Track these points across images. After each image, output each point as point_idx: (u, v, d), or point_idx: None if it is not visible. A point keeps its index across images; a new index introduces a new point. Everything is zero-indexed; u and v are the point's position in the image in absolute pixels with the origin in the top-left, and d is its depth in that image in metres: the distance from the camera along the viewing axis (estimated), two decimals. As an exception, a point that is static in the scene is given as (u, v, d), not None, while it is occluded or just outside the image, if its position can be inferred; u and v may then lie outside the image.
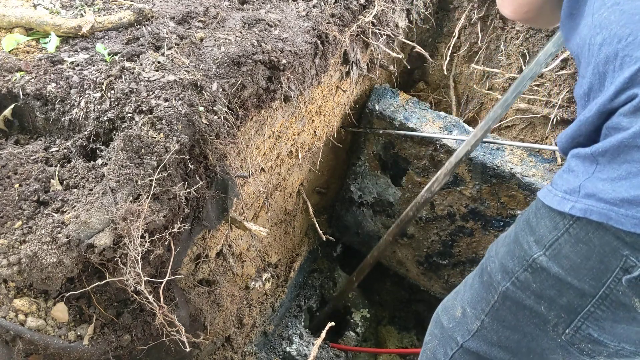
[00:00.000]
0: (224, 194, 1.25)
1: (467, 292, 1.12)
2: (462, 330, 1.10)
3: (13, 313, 0.94)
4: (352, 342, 2.63)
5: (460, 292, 1.17)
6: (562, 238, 0.84)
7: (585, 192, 0.79)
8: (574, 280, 0.84)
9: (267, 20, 1.48)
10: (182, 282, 1.33)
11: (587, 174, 0.80)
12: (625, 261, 0.76)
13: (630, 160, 0.72)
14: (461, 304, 1.13)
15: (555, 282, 0.87)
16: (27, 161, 1.07)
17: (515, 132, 2.57)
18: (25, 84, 1.13)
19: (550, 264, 0.86)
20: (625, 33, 0.72)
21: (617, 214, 0.73)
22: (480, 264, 1.11)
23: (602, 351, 0.88)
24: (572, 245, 0.82)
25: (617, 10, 0.75)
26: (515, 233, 0.98)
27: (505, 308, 0.98)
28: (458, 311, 1.13)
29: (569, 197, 0.82)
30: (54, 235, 0.92)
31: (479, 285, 1.07)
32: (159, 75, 1.14)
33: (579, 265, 0.82)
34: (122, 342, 1.05)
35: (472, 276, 1.13)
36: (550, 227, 0.86)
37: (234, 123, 1.20)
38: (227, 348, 1.90)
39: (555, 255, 0.86)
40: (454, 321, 1.14)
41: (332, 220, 2.82)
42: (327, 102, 1.88)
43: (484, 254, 2.31)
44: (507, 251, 0.98)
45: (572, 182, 0.83)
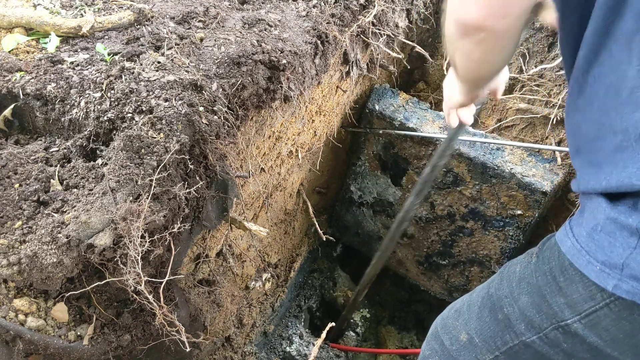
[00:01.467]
0: (224, 194, 1.25)
1: (474, 321, 1.08)
2: (469, 356, 1.09)
3: (13, 313, 0.94)
4: (352, 342, 2.63)
5: (464, 316, 1.13)
6: (601, 311, 0.80)
7: (631, 273, 0.73)
8: (614, 352, 0.82)
9: (267, 20, 1.48)
10: (182, 282, 1.33)
11: (628, 248, 0.73)
12: None
13: None
14: (466, 330, 1.10)
15: (591, 349, 0.85)
16: (27, 161, 1.07)
17: (515, 132, 2.57)
18: (25, 84, 1.13)
19: (587, 333, 0.84)
20: None
21: None
22: (490, 295, 1.06)
23: None
24: (613, 321, 0.79)
25: None
26: (538, 285, 0.93)
27: (528, 355, 0.96)
28: (463, 336, 1.10)
29: (609, 271, 0.76)
30: (54, 235, 0.92)
31: (491, 320, 1.03)
32: (159, 75, 1.14)
33: (621, 340, 0.80)
34: (122, 342, 1.05)
35: (479, 305, 1.08)
36: (586, 296, 0.81)
37: (234, 123, 1.20)
38: (227, 348, 1.90)
39: (592, 325, 0.82)
40: (458, 344, 1.12)
41: (332, 220, 2.82)
42: (327, 102, 1.88)
43: (484, 254, 2.30)
44: (531, 303, 0.93)
45: (611, 254, 0.76)
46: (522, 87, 2.40)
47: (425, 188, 1.65)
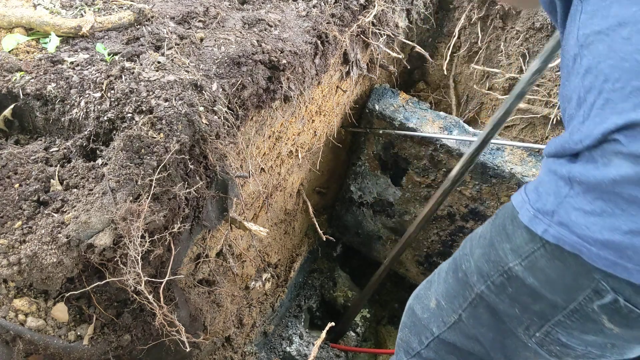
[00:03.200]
0: (224, 194, 1.25)
1: (441, 285, 1.14)
2: (437, 321, 1.13)
3: (13, 313, 0.94)
4: (352, 342, 2.63)
5: (434, 283, 1.19)
6: (538, 252, 0.86)
7: (559, 220, 0.80)
8: (547, 293, 0.87)
9: (267, 20, 1.48)
10: (182, 282, 1.33)
11: (560, 196, 0.80)
12: (597, 284, 0.79)
13: (607, 199, 0.73)
14: (435, 296, 1.15)
15: (529, 291, 0.90)
16: (27, 161, 1.07)
17: (515, 132, 2.58)
18: (25, 84, 1.13)
19: (526, 275, 0.89)
20: (613, 76, 0.71)
21: (589, 251, 0.76)
22: (454, 259, 1.12)
23: (569, 353, 0.91)
24: (547, 261, 0.85)
25: (606, 44, 0.73)
26: (490, 237, 0.99)
27: (482, 308, 1.01)
28: (432, 302, 1.15)
29: (541, 217, 0.83)
30: (54, 235, 0.92)
31: (453, 281, 1.09)
32: (159, 75, 1.14)
33: (553, 281, 0.85)
34: (122, 342, 1.05)
35: (446, 270, 1.14)
36: (527, 238, 0.88)
37: (234, 123, 1.20)
38: (227, 348, 1.90)
39: (531, 267, 0.88)
40: (428, 311, 1.16)
41: (332, 220, 2.82)
42: (327, 102, 1.88)
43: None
44: (483, 254, 1.00)
45: (545, 202, 0.83)
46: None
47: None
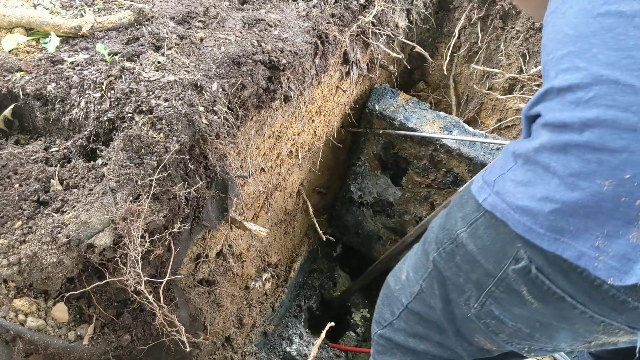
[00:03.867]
0: (224, 194, 1.25)
1: (411, 258, 1.19)
2: (405, 292, 1.17)
3: (13, 313, 0.94)
4: (352, 342, 2.63)
5: (408, 257, 1.23)
6: (479, 220, 0.91)
7: (496, 189, 0.86)
8: (482, 259, 0.91)
9: (267, 20, 1.48)
10: (182, 282, 1.33)
11: (503, 169, 0.86)
12: (517, 252, 0.83)
13: (532, 169, 0.79)
14: (406, 269, 1.19)
15: (470, 258, 0.94)
16: (27, 161, 1.07)
17: (515, 132, 2.58)
18: (25, 84, 1.13)
19: (468, 241, 0.94)
20: (548, 49, 0.78)
21: (512, 217, 0.81)
22: (425, 234, 1.16)
23: (503, 329, 0.95)
24: (485, 228, 0.90)
25: (551, 22, 0.79)
26: (449, 208, 1.04)
27: (435, 275, 1.05)
28: (403, 274, 1.20)
29: (485, 187, 0.89)
30: (54, 235, 0.92)
31: (420, 252, 1.13)
32: (159, 75, 1.14)
33: (487, 247, 0.90)
34: (122, 342, 1.05)
35: (419, 243, 1.18)
36: (474, 207, 0.93)
37: (234, 123, 1.20)
38: (227, 348, 1.90)
39: (472, 234, 0.93)
40: (400, 283, 1.20)
41: (332, 220, 2.82)
42: (327, 102, 1.88)
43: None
44: (440, 223, 1.05)
45: (491, 173, 0.90)
46: (522, 87, 2.40)
47: None
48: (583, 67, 0.70)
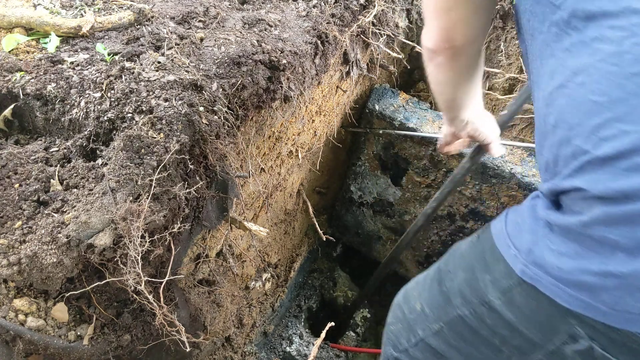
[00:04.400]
0: (224, 194, 1.25)
1: (425, 292, 1.15)
2: (423, 325, 1.14)
3: (13, 313, 0.94)
4: (352, 342, 2.63)
5: (419, 286, 1.19)
6: (515, 289, 0.86)
7: (534, 260, 0.80)
8: (524, 330, 0.87)
9: (267, 20, 1.48)
10: (182, 282, 1.33)
11: (537, 235, 0.81)
12: (572, 329, 0.78)
13: (581, 242, 0.73)
14: (420, 300, 1.16)
15: (508, 326, 0.90)
16: (27, 161, 1.07)
17: (515, 132, 2.57)
18: (25, 84, 1.13)
19: (504, 310, 0.89)
20: (574, 122, 0.72)
21: (564, 292, 0.75)
22: (439, 269, 1.11)
23: None
24: (524, 298, 0.84)
25: (566, 95, 0.74)
26: (471, 262, 0.99)
27: (464, 327, 1.01)
28: (417, 305, 1.16)
29: (519, 255, 0.83)
30: (54, 235, 0.92)
31: (437, 292, 1.08)
32: (159, 75, 1.14)
33: (529, 318, 0.85)
34: (122, 342, 1.05)
35: (431, 277, 1.14)
36: (505, 272, 0.87)
37: (234, 123, 1.20)
38: (227, 348, 1.90)
39: (508, 302, 0.88)
40: (415, 313, 1.17)
41: (332, 220, 2.82)
42: (327, 102, 1.88)
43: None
44: (465, 279, 1.00)
45: (523, 239, 0.84)
46: (522, 87, 2.40)
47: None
48: (631, 130, 0.65)
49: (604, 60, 0.68)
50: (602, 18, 0.69)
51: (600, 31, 0.69)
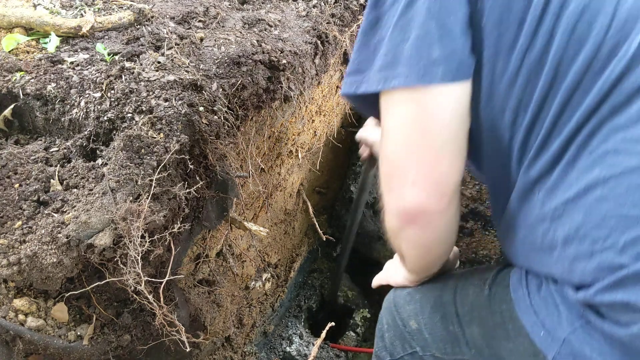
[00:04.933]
0: (224, 194, 1.25)
1: (425, 317, 1.09)
2: (421, 344, 1.10)
3: (13, 313, 0.94)
4: (352, 342, 2.62)
5: (415, 305, 1.13)
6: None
7: (571, 352, 0.76)
8: None
9: (267, 20, 1.48)
10: (182, 282, 1.33)
11: (572, 325, 0.77)
12: None
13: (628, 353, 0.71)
14: (416, 320, 1.11)
15: None
16: (27, 161, 1.07)
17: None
18: (25, 84, 1.13)
19: None
20: (600, 236, 0.69)
21: None
22: (442, 302, 1.06)
23: None
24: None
25: (582, 209, 0.71)
26: (490, 324, 0.93)
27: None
28: (413, 323, 1.12)
29: (551, 340, 0.79)
30: (54, 235, 0.92)
31: (442, 327, 1.04)
32: (159, 75, 1.14)
33: None
34: (122, 342, 1.05)
35: (432, 306, 1.08)
36: (530, 351, 0.83)
37: (234, 123, 1.20)
38: (227, 348, 1.90)
39: None
40: (409, 328, 1.13)
41: (332, 220, 2.82)
42: (327, 102, 1.88)
43: (484, 254, 2.30)
44: (482, 335, 0.95)
45: (555, 323, 0.79)
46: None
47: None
48: None
49: (627, 173, 0.66)
50: (613, 132, 0.68)
51: (614, 145, 0.67)
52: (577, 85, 0.70)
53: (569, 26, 0.69)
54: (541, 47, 0.72)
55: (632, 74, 0.66)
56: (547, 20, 0.71)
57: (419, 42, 0.74)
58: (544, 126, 0.75)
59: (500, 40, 0.75)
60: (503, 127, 0.80)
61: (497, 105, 0.79)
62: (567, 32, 0.69)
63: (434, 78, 0.74)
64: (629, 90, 0.66)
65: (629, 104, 0.67)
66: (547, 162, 0.76)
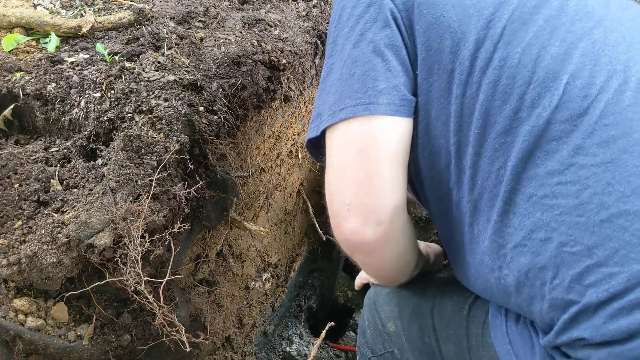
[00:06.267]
0: (224, 194, 1.25)
1: (404, 323, 1.09)
2: (399, 346, 1.11)
3: (13, 313, 0.94)
4: (352, 342, 2.63)
5: (393, 308, 1.12)
6: None
7: None
8: None
9: (267, 20, 1.48)
10: (182, 282, 1.33)
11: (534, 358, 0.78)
12: None
13: None
14: (395, 324, 1.11)
15: None
16: (27, 161, 1.07)
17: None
18: (25, 84, 1.13)
19: None
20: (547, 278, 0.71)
21: None
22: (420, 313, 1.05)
23: None
24: None
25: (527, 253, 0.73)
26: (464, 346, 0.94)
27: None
28: (391, 326, 1.12)
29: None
30: (54, 235, 0.92)
31: (417, 337, 1.04)
32: (159, 75, 1.14)
33: None
34: (122, 342, 1.05)
35: (410, 313, 1.07)
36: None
37: (234, 123, 1.20)
38: (227, 348, 1.90)
39: None
40: (387, 329, 1.13)
41: (332, 220, 2.82)
42: (327, 102, 1.88)
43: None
44: (455, 353, 0.96)
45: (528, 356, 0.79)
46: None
47: None
48: (617, 272, 0.65)
49: (567, 214, 0.69)
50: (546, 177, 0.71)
51: (550, 189, 0.70)
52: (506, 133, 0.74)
53: (493, 79, 0.74)
54: (471, 95, 0.76)
55: (556, 123, 0.70)
56: (476, 73, 0.75)
57: (365, 75, 0.79)
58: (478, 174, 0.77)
59: (432, 88, 0.79)
60: (440, 170, 0.84)
61: (435, 150, 0.82)
62: (492, 85, 0.74)
63: (378, 108, 0.78)
64: (558, 134, 0.70)
65: (559, 149, 0.70)
66: (487, 210, 0.78)
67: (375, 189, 0.80)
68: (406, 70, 0.81)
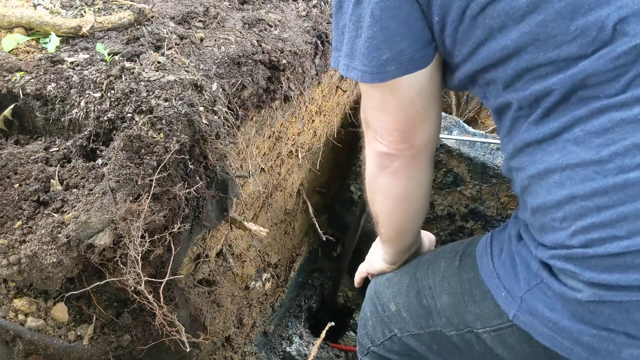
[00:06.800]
0: (224, 194, 1.25)
1: (402, 297, 1.12)
2: (399, 325, 1.13)
3: (13, 313, 0.94)
4: (352, 342, 2.63)
5: (393, 288, 1.16)
6: (506, 330, 0.86)
7: (527, 309, 0.80)
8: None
9: (267, 20, 1.48)
10: (182, 282, 1.33)
11: (528, 284, 0.80)
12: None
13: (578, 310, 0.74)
14: (395, 302, 1.14)
15: (497, 357, 0.92)
16: (27, 161, 1.07)
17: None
18: (25, 84, 1.13)
19: (495, 345, 0.90)
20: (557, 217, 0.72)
21: (561, 344, 0.77)
22: (416, 279, 1.09)
23: None
24: (516, 341, 0.85)
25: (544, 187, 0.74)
26: (456, 290, 0.97)
27: (448, 342, 1.02)
28: (392, 306, 1.15)
29: (511, 299, 0.83)
30: (54, 235, 0.92)
31: (416, 303, 1.07)
32: (159, 75, 1.14)
33: (524, 356, 0.87)
34: (122, 342, 1.05)
35: (407, 284, 1.11)
36: (495, 313, 0.87)
37: (234, 123, 1.20)
38: (227, 348, 1.90)
39: (499, 340, 0.89)
40: (389, 312, 1.16)
41: (332, 220, 2.82)
42: (327, 102, 1.88)
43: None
44: (450, 303, 0.98)
45: (515, 284, 0.83)
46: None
47: None
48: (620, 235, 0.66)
49: (583, 166, 0.68)
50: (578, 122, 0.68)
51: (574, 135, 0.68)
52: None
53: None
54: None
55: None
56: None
57: (367, 43, 0.78)
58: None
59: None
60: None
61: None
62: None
63: (387, 76, 0.79)
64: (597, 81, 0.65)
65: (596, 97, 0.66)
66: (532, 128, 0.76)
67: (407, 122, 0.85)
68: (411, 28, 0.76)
